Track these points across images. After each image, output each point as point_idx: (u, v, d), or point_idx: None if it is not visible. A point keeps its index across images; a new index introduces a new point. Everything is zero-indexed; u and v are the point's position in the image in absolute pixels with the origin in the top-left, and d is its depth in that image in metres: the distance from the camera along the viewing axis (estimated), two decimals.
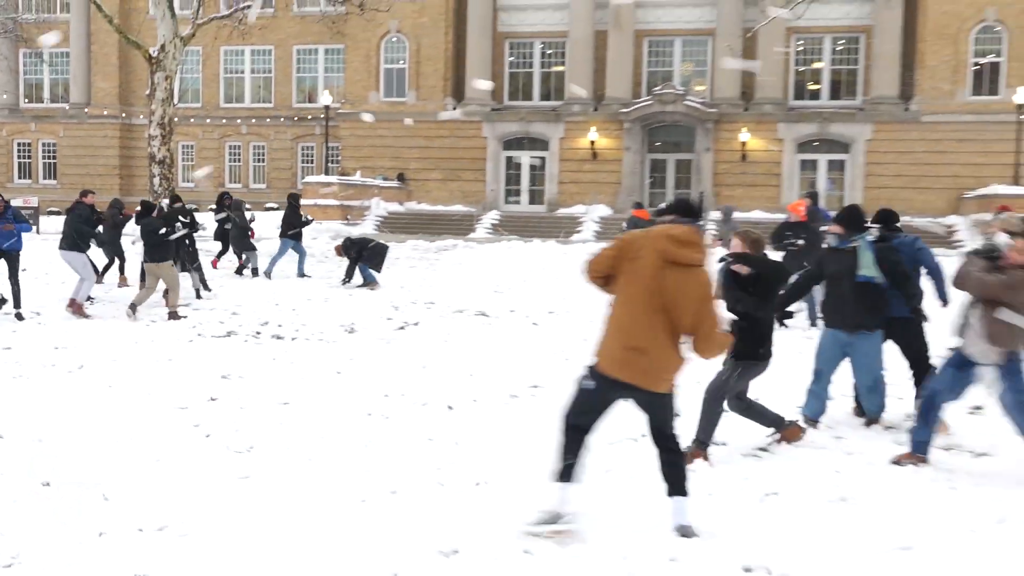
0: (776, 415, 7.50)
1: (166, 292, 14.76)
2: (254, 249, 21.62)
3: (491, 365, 10.92)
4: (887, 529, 5.65)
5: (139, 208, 16.42)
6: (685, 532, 5.45)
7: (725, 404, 7.20)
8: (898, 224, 9.17)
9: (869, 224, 8.40)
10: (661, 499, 5.97)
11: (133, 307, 14.13)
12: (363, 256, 19.38)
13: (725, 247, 8.81)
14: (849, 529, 5.66)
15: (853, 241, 8.13)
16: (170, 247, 14.85)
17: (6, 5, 46.91)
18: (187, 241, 16.95)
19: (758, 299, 7.01)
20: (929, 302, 8.78)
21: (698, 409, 7.16)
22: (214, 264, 21.53)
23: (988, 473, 6.91)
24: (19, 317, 13.77)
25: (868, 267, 7.97)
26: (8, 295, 14.05)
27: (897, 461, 7.06)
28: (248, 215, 21.52)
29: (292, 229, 21.46)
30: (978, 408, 8.88)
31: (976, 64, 38.75)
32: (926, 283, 8.89)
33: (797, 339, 12.02)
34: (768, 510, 6.02)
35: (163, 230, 14.56)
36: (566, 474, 5.54)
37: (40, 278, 19.06)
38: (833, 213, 14.61)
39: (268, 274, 20.77)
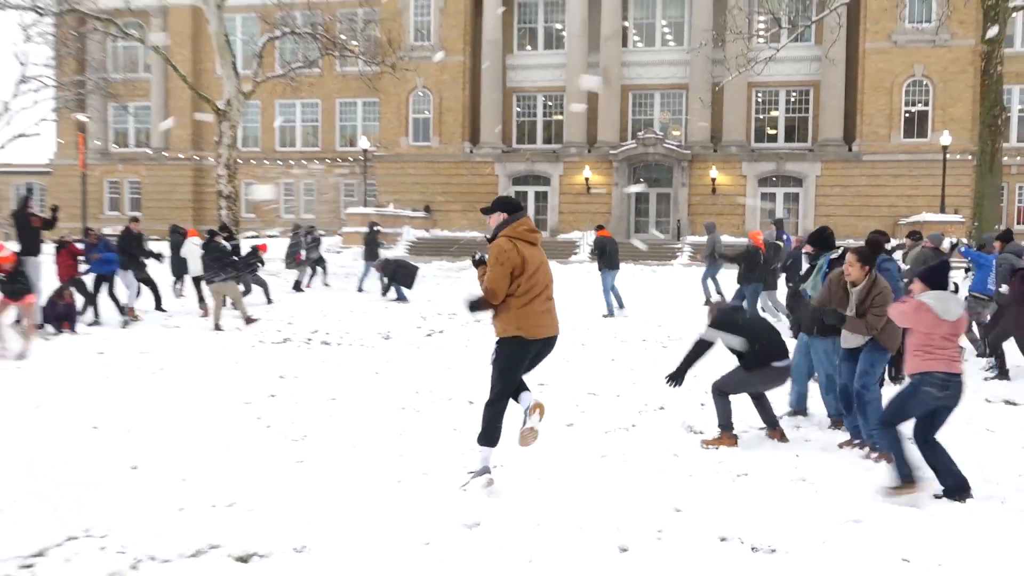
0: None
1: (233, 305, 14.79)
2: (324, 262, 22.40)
3: None
4: (840, 505, 5.62)
5: (207, 235, 16.37)
6: None
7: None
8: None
9: (838, 244, 8.37)
10: (649, 480, 5.95)
11: (217, 327, 14.03)
12: (397, 275, 19.39)
13: (703, 261, 8.86)
14: (808, 505, 5.63)
15: (818, 259, 8.14)
16: (228, 268, 14.69)
17: (98, 67, 47.12)
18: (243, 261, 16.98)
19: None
20: None
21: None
22: (308, 285, 22.06)
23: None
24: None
25: (812, 285, 8.01)
26: (124, 300, 14.37)
27: (841, 446, 7.04)
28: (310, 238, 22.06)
29: (373, 252, 21.71)
30: None
31: (907, 112, 38.78)
32: None
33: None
34: (739, 489, 5.98)
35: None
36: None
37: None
38: (793, 237, 14.61)
39: (360, 290, 21.34)
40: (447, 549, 4.81)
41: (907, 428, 5.87)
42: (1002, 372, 10.20)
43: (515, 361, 5.86)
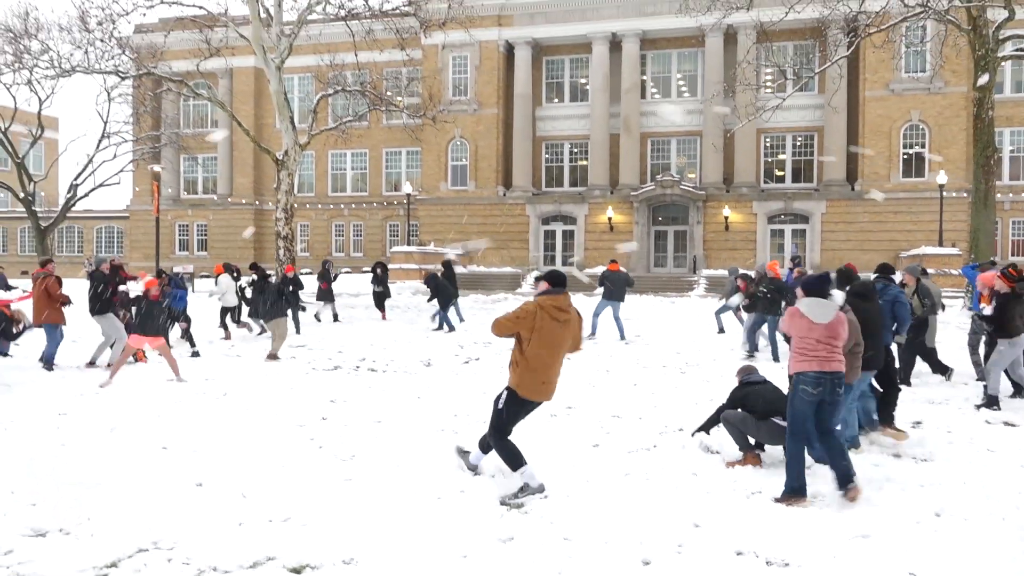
0: None
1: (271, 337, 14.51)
2: (333, 300, 21.61)
3: None
4: (849, 521, 5.49)
5: (255, 275, 16.46)
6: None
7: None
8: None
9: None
10: (670, 497, 5.86)
11: (273, 356, 13.98)
12: (440, 293, 19.25)
13: (725, 299, 8.81)
14: (818, 521, 5.51)
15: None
16: (282, 306, 14.45)
17: (171, 123, 48.20)
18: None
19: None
20: None
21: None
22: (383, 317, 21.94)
23: (930, 477, 6.69)
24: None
25: None
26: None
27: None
28: (332, 272, 21.92)
29: (448, 290, 21.58)
30: (918, 423, 8.66)
31: (905, 154, 38.42)
32: None
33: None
34: (754, 506, 5.87)
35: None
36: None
37: (194, 326, 19.28)
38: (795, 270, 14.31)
39: (448, 326, 20.45)
40: (483, 562, 4.76)
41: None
42: (990, 400, 9.53)
43: (512, 409, 6.23)
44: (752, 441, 7.02)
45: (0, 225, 58.29)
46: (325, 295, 21.39)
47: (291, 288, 17.67)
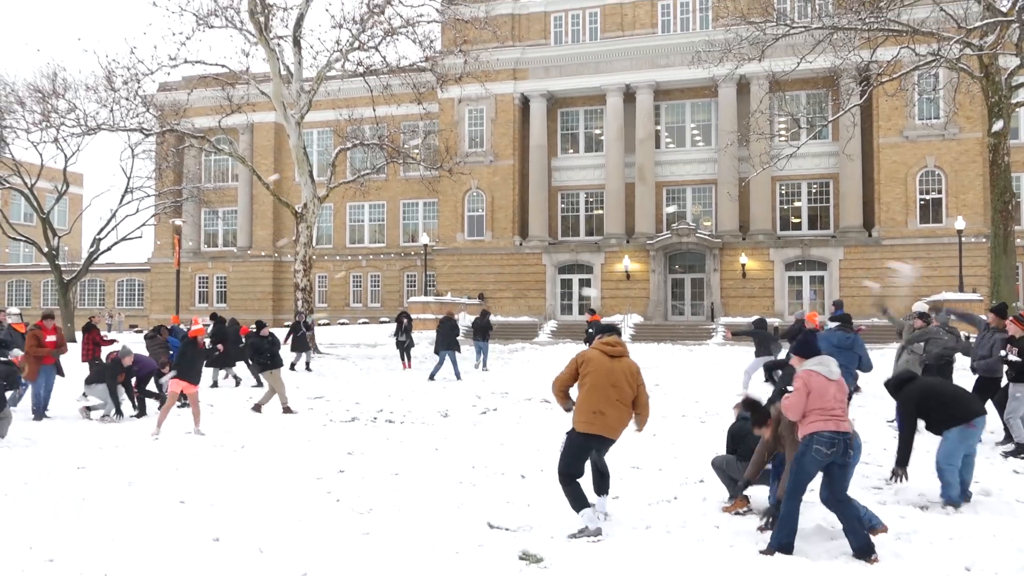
0: None
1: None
2: (308, 350, 22.32)
3: (553, 442, 10.72)
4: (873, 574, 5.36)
5: (253, 328, 16.59)
6: None
7: None
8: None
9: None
10: (692, 549, 5.75)
11: (258, 407, 13.81)
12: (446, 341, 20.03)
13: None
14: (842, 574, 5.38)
15: None
16: (278, 359, 14.27)
17: (192, 177, 49.05)
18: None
19: None
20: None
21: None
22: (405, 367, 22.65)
23: (959, 529, 6.53)
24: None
25: None
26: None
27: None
28: (309, 320, 22.55)
29: (482, 332, 22.21)
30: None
31: (922, 200, 38.36)
32: None
33: None
34: (777, 560, 5.74)
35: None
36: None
37: (209, 378, 19.36)
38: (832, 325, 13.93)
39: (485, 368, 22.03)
40: None
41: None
42: (1019, 448, 9.43)
43: (571, 447, 6.49)
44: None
45: (24, 279, 59.16)
46: (300, 345, 21.91)
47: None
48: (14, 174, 39.17)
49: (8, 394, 12.00)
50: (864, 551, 5.62)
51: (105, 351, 14.39)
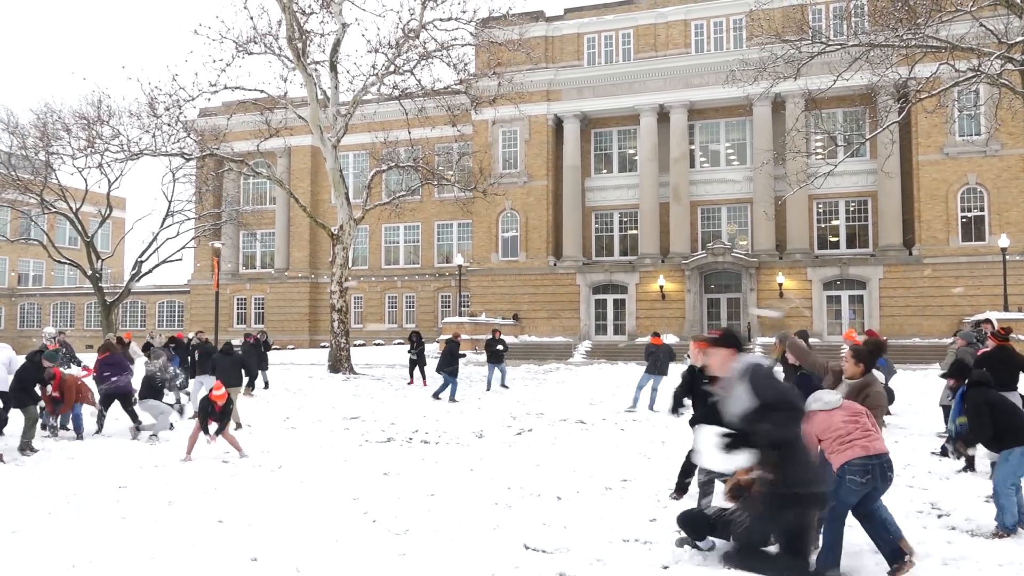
0: None
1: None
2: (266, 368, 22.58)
3: (589, 463, 10.67)
4: None
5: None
6: None
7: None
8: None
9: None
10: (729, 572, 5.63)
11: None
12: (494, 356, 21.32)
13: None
14: None
15: None
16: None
17: (231, 200, 49.90)
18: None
19: None
20: None
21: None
22: (410, 382, 23.65)
23: (1008, 555, 6.33)
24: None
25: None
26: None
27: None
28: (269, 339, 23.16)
29: (495, 354, 22.43)
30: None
31: (964, 217, 37.67)
32: None
33: None
34: None
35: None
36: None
37: (250, 398, 19.58)
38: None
39: (504, 386, 22.33)
40: None
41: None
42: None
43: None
44: None
45: (68, 301, 60.44)
46: (262, 363, 22.11)
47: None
48: (60, 199, 40.19)
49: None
50: (894, 557, 5.51)
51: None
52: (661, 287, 40.94)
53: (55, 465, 10.70)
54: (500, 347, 22.44)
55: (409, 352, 24.34)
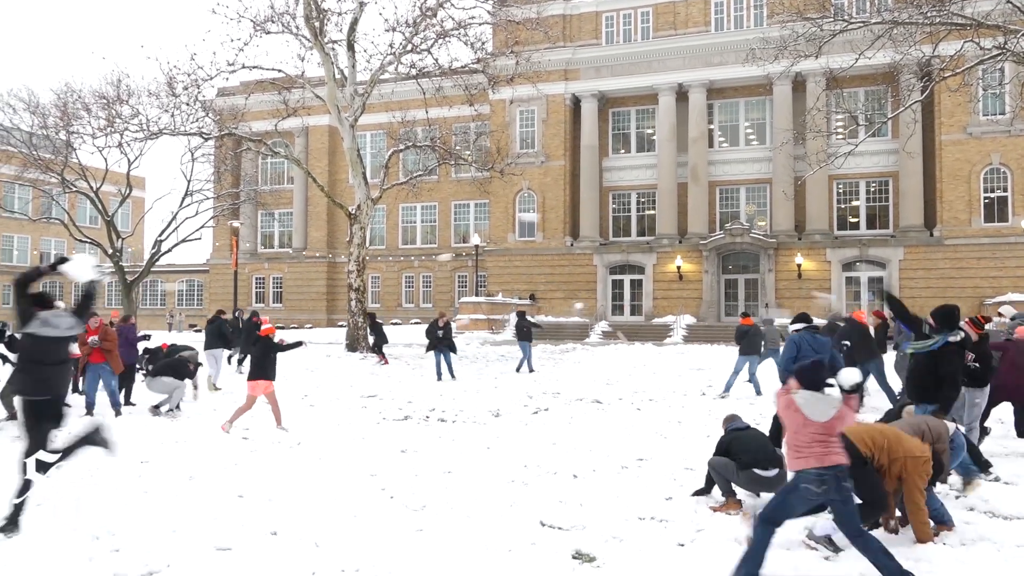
0: None
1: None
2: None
3: (606, 442, 10.70)
4: None
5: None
6: None
7: None
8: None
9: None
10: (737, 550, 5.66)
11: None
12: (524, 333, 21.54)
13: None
14: None
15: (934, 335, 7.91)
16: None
17: (250, 180, 50.06)
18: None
19: None
20: None
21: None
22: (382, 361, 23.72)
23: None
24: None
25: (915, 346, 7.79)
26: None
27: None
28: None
29: (524, 333, 22.29)
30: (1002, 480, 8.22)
31: (987, 198, 37.19)
32: None
33: None
34: (837, 567, 5.62)
35: None
36: None
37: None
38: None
39: (531, 369, 21.90)
40: None
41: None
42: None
43: None
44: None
45: None
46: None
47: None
48: (80, 178, 40.47)
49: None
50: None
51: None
52: (678, 268, 40.78)
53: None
54: (527, 327, 22.33)
55: (369, 333, 25.22)
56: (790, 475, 5.45)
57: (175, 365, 13.82)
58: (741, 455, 7.12)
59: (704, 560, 5.65)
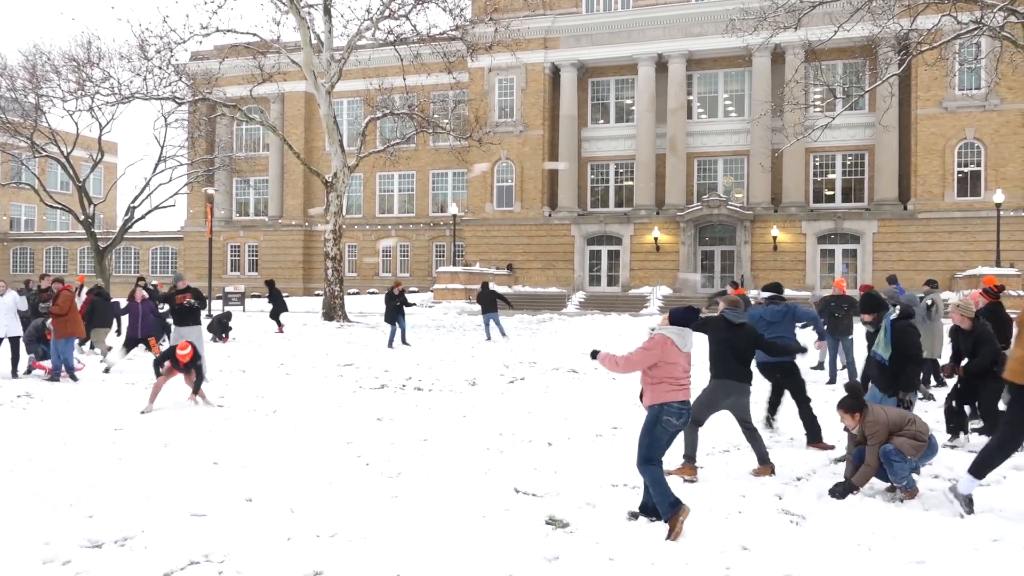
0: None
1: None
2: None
3: (581, 411, 10.79)
4: (901, 546, 5.34)
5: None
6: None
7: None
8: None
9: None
10: (717, 518, 5.74)
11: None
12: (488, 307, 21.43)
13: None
14: (870, 546, 5.37)
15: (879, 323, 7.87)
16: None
17: (224, 147, 49.39)
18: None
19: None
20: None
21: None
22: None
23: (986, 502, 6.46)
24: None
25: (882, 347, 7.58)
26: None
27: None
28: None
29: (490, 306, 22.16)
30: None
31: (960, 172, 37.59)
32: None
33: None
34: (802, 531, 5.75)
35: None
36: None
37: (245, 344, 19.68)
38: (902, 291, 13.19)
39: (504, 334, 22.02)
40: None
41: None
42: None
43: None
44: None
45: (62, 246, 60.17)
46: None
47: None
48: (51, 143, 39.72)
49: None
50: (665, 513, 5.50)
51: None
52: (656, 239, 40.94)
53: (52, 407, 10.79)
54: (491, 296, 22.25)
55: (268, 301, 24.58)
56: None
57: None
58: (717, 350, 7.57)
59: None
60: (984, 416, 8.43)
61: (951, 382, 9.39)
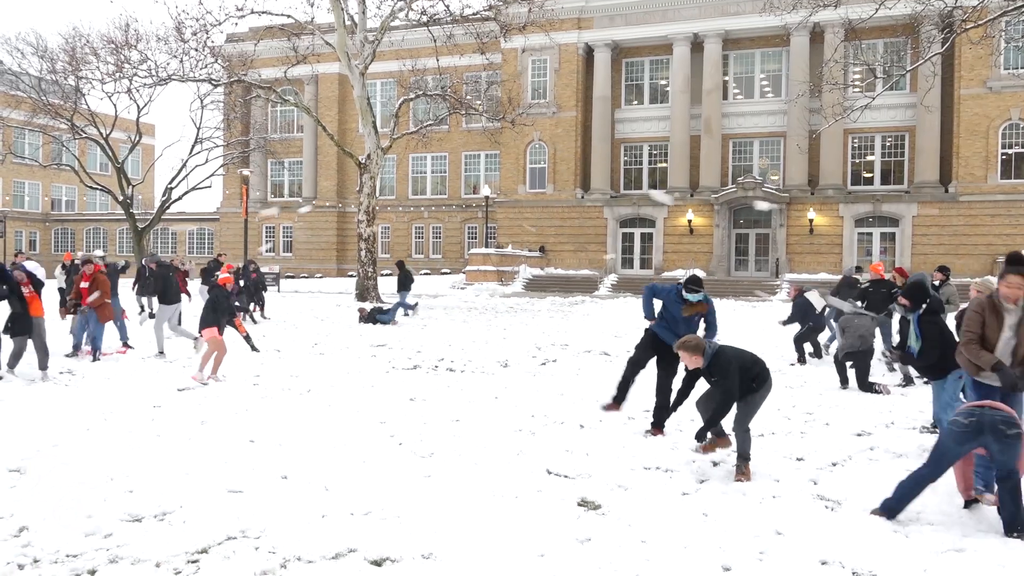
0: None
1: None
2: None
3: (613, 393, 10.74)
4: (940, 535, 5.26)
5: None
6: None
7: None
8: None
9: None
10: (750, 502, 5.70)
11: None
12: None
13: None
14: (907, 534, 5.30)
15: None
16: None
17: (259, 128, 49.78)
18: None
19: None
20: None
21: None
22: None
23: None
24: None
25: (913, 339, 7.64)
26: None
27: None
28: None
29: (402, 283, 22.29)
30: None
31: (1004, 154, 36.68)
32: None
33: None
34: (838, 516, 5.69)
35: None
36: None
37: (280, 324, 19.88)
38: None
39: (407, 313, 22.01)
40: (560, 561, 4.75)
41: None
42: None
43: None
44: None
45: (101, 226, 61.25)
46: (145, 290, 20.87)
47: None
48: (90, 124, 40.33)
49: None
50: None
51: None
52: (689, 221, 40.60)
53: (93, 385, 11.01)
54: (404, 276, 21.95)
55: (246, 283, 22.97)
56: None
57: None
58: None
59: (706, 509, 5.72)
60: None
61: None
